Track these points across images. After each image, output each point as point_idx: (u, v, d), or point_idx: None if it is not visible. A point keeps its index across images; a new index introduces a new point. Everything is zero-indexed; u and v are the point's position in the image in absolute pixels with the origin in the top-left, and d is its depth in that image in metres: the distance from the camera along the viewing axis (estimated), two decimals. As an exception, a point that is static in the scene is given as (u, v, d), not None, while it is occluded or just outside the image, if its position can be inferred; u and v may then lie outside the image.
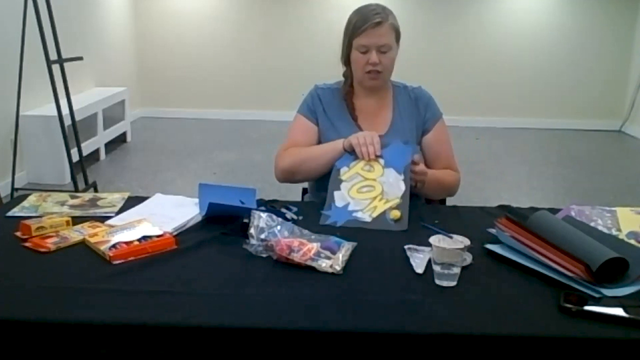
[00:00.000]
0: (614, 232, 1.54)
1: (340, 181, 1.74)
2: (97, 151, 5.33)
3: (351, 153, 1.78)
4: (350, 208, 1.68)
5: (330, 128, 1.95)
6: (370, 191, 1.71)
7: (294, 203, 1.77)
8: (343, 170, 1.76)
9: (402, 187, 1.69)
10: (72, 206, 1.74)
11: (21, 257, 1.40)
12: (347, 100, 1.96)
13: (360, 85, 1.96)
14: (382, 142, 1.76)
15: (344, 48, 1.93)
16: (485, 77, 7.03)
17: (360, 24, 1.85)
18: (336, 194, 1.72)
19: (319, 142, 1.95)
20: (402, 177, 1.71)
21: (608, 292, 1.23)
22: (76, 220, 1.58)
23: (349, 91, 1.97)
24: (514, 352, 1.11)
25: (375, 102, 1.97)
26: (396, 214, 1.63)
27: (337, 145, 1.82)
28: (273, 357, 1.13)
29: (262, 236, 1.41)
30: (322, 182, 1.81)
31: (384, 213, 1.65)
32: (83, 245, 1.46)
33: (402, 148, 1.75)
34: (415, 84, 2.05)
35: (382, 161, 1.74)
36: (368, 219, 1.64)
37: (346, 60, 1.94)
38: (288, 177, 1.92)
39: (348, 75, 1.97)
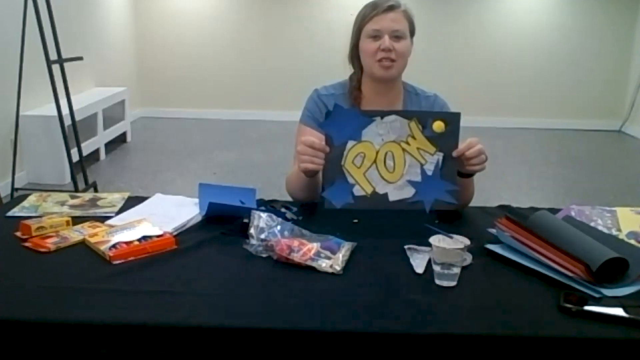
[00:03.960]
0: (614, 232, 1.54)
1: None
2: (97, 151, 5.33)
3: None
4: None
5: None
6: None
7: (294, 203, 1.77)
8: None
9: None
10: (72, 206, 1.74)
11: (21, 257, 1.40)
12: (357, 107, 1.78)
13: (371, 78, 1.79)
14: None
15: (352, 42, 1.80)
16: (485, 77, 7.03)
17: (370, 10, 1.74)
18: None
19: None
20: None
21: (608, 292, 1.23)
22: (76, 220, 1.58)
23: (358, 95, 1.81)
24: (514, 352, 1.11)
25: (386, 107, 1.75)
26: (440, 125, 1.49)
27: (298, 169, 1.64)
28: (273, 357, 1.13)
29: (262, 236, 1.41)
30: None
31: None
32: (83, 245, 1.45)
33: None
34: (431, 91, 1.89)
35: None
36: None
37: (354, 55, 1.81)
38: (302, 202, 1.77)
39: (354, 77, 1.83)
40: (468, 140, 1.55)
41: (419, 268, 1.34)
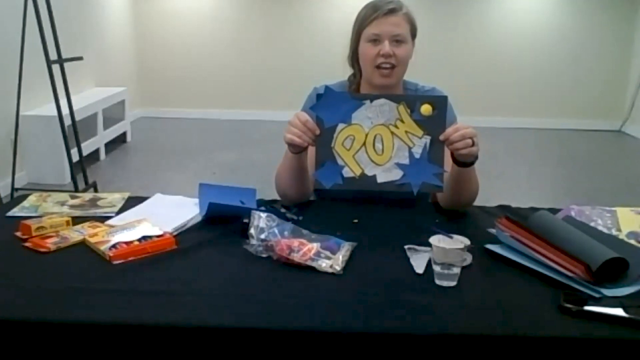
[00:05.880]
0: (614, 232, 1.54)
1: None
2: (97, 151, 5.33)
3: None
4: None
5: None
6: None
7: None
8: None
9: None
10: (72, 206, 1.73)
11: (21, 257, 1.40)
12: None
13: (370, 84, 1.78)
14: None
15: (351, 44, 1.78)
16: (485, 77, 7.03)
17: (370, 13, 1.71)
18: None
19: None
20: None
21: (608, 292, 1.23)
22: (76, 220, 1.58)
23: None
24: (514, 352, 1.11)
25: None
26: (427, 108, 1.50)
27: (287, 151, 1.66)
28: (273, 357, 1.13)
29: (262, 236, 1.41)
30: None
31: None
32: (83, 245, 1.45)
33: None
34: (429, 84, 1.89)
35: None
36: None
37: (353, 58, 1.80)
38: (291, 202, 1.74)
39: (353, 80, 1.83)
40: (456, 125, 1.55)
41: (419, 268, 1.34)
